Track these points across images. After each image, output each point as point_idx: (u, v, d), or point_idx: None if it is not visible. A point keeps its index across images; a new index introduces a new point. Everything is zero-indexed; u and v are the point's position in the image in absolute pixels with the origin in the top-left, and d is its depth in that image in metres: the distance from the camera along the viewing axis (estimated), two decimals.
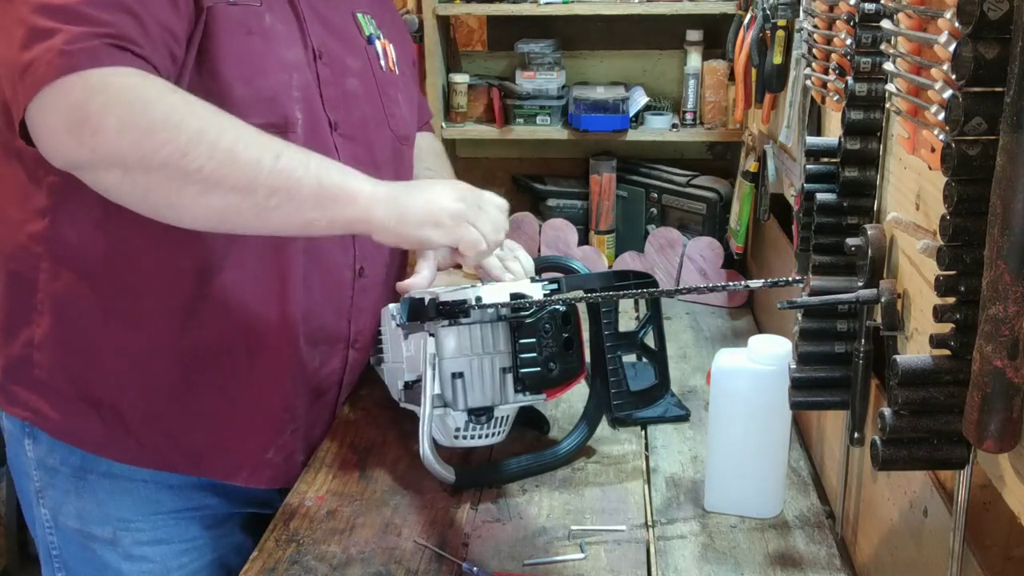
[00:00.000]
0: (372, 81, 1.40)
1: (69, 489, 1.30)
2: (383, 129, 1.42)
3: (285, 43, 1.25)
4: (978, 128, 0.64)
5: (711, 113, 2.27)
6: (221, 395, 1.28)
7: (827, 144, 1.07)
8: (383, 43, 1.45)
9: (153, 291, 1.22)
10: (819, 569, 1.12)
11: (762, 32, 1.60)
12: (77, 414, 1.25)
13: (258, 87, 1.19)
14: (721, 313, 2.01)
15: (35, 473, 1.31)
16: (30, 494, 1.33)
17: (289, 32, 1.26)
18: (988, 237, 0.62)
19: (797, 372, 1.02)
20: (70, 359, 1.23)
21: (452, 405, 1.20)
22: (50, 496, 1.31)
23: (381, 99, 1.42)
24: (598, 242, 2.34)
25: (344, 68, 1.35)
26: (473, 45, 2.62)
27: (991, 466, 0.72)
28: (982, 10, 0.60)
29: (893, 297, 0.90)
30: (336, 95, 1.32)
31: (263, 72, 1.20)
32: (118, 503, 1.30)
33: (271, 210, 1.08)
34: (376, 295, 1.44)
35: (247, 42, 1.19)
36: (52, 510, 1.32)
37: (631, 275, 1.39)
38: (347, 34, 1.39)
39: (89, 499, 1.30)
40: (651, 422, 1.47)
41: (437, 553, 1.15)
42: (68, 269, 1.20)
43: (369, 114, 1.38)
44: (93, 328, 1.22)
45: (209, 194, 1.05)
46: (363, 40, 1.42)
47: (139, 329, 1.23)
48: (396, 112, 1.45)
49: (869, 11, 0.95)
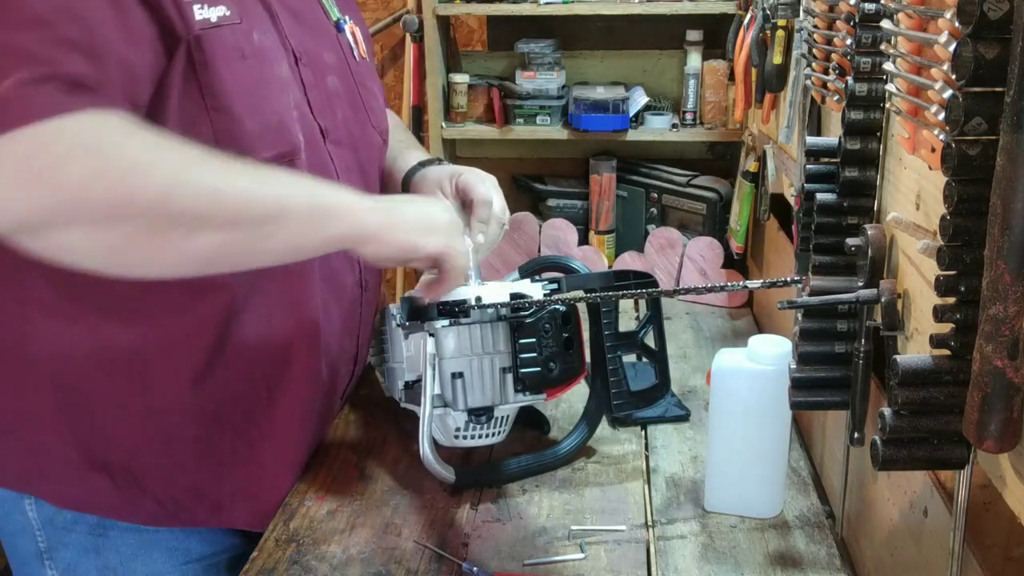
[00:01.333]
0: (349, 75, 1.32)
1: (88, 548, 1.22)
2: (365, 127, 1.35)
3: (275, 58, 1.16)
4: (978, 128, 0.64)
5: (711, 113, 2.27)
6: (242, 442, 1.22)
7: (827, 144, 1.07)
8: (351, 27, 1.36)
9: (167, 350, 1.14)
10: (819, 569, 1.12)
11: (762, 32, 1.60)
12: (86, 482, 1.18)
13: (266, 117, 1.11)
14: (721, 313, 2.01)
15: (39, 534, 1.22)
16: (30, 555, 1.24)
17: (273, 42, 1.17)
18: (988, 237, 0.62)
19: (797, 372, 1.02)
20: (75, 426, 1.16)
21: (452, 405, 1.20)
22: (62, 557, 1.23)
23: (360, 93, 1.34)
24: (598, 242, 2.34)
25: (323, 66, 1.26)
26: (473, 45, 2.62)
27: (991, 466, 0.72)
28: (982, 10, 0.60)
29: (893, 297, 0.90)
30: (321, 98, 1.24)
31: (267, 99, 1.12)
32: (145, 558, 1.23)
33: (263, 240, 1.00)
34: (374, 304, 1.41)
35: (245, 68, 1.09)
36: (65, 571, 1.23)
37: (631, 275, 1.39)
38: (318, 25, 1.30)
39: (112, 556, 1.22)
40: (651, 422, 1.47)
41: (437, 553, 1.15)
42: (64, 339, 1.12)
43: (350, 114, 1.31)
44: (98, 394, 1.15)
45: (195, 236, 0.95)
46: (333, 28, 1.33)
47: (152, 390, 1.15)
48: (375, 106, 1.38)
49: (869, 11, 0.95)
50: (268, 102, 1.12)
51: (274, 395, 1.22)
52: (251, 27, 1.12)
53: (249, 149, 1.07)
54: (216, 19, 1.06)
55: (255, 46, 1.11)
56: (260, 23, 1.15)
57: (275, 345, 1.20)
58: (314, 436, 1.34)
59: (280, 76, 1.15)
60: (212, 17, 1.05)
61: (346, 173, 1.27)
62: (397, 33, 2.72)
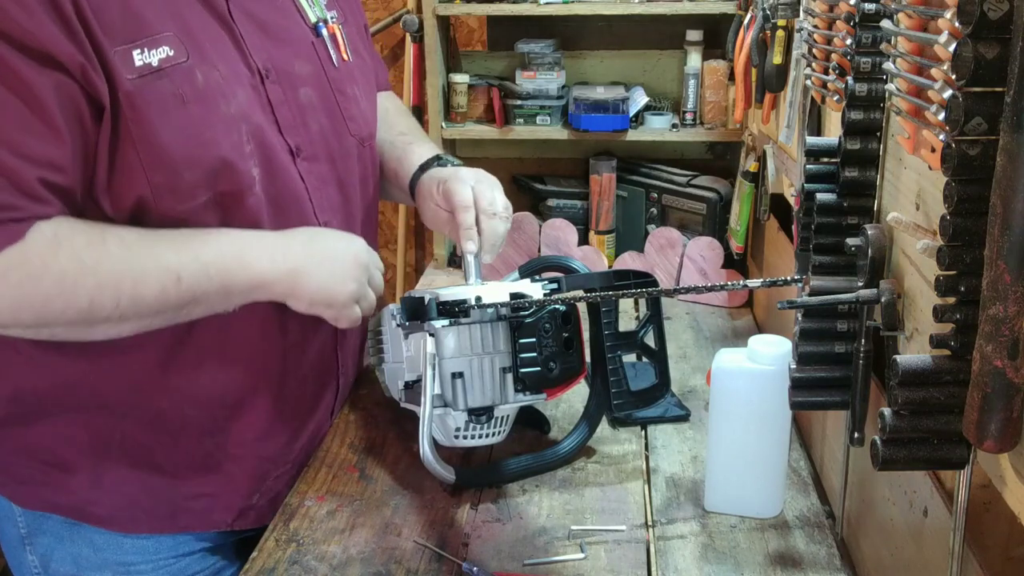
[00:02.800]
0: (326, 84, 1.30)
1: (62, 536, 1.26)
2: (344, 137, 1.32)
3: (226, 93, 1.13)
4: (978, 128, 0.64)
5: (711, 113, 2.27)
6: (200, 452, 1.25)
7: (827, 144, 1.07)
8: (332, 27, 1.33)
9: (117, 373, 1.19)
10: (819, 569, 1.12)
11: (762, 32, 1.60)
12: (47, 484, 1.23)
13: (207, 162, 1.10)
14: (721, 313, 2.01)
15: (20, 520, 1.27)
16: (14, 539, 1.29)
17: (228, 72, 1.14)
18: (988, 237, 0.62)
19: (797, 372, 1.02)
20: (29, 432, 1.21)
21: (452, 405, 1.20)
22: (40, 543, 1.27)
23: (337, 103, 1.31)
24: (598, 242, 2.34)
25: (293, 79, 1.24)
26: (473, 45, 2.62)
27: (991, 466, 0.72)
28: (982, 10, 0.60)
29: (893, 297, 0.90)
30: (291, 115, 1.23)
31: (209, 143, 1.10)
32: (117, 548, 1.26)
33: (184, 317, 1.13)
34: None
35: (184, 115, 1.08)
36: (42, 557, 1.27)
37: (631, 275, 1.39)
38: (291, 34, 1.27)
39: (84, 546, 1.26)
40: (651, 422, 1.47)
41: (437, 553, 1.15)
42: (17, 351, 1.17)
43: (327, 124, 1.29)
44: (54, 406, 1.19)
45: (120, 325, 1.10)
46: (310, 34, 1.30)
47: (107, 396, 1.20)
48: (355, 113, 1.35)
49: (869, 11, 0.95)
50: (211, 147, 1.10)
51: (231, 417, 1.25)
52: (197, 64, 1.10)
53: (189, 197, 1.10)
54: (158, 63, 1.06)
55: (198, 88, 1.09)
56: (212, 53, 1.13)
57: (228, 360, 1.23)
58: (292, 453, 1.34)
59: (227, 114, 1.13)
60: (154, 61, 1.06)
61: (321, 188, 1.28)
62: (397, 33, 2.72)
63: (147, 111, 1.05)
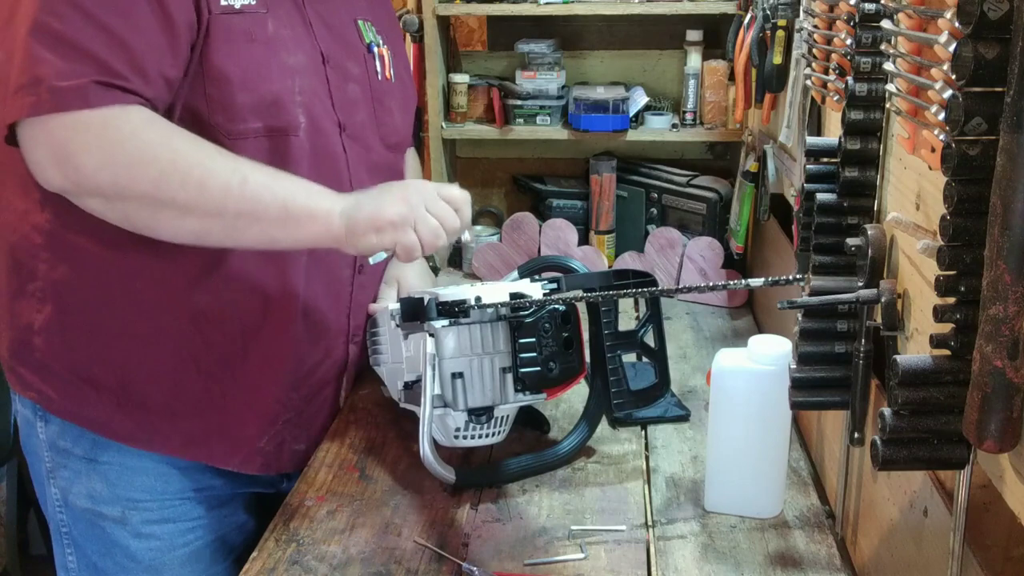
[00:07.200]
0: (368, 89, 1.45)
1: (80, 471, 1.35)
2: (376, 137, 1.46)
3: (289, 48, 1.29)
4: (978, 128, 0.64)
5: (711, 113, 2.27)
6: (216, 383, 1.33)
7: (827, 144, 1.07)
8: (381, 50, 1.50)
9: (153, 282, 1.27)
10: (819, 569, 1.12)
11: (762, 32, 1.60)
12: (77, 396, 1.31)
13: (260, 93, 1.25)
14: (721, 313, 2.01)
15: (46, 454, 1.36)
16: (42, 474, 1.38)
17: (295, 37, 1.31)
18: (988, 237, 0.62)
19: (797, 372, 1.02)
20: (70, 344, 1.29)
21: (452, 405, 1.20)
22: (61, 476, 1.36)
23: (375, 107, 1.46)
24: (598, 242, 2.34)
25: (346, 74, 1.40)
26: (473, 45, 2.62)
27: (991, 466, 0.72)
28: (982, 10, 0.60)
29: (893, 297, 0.90)
30: (342, 98, 1.38)
31: (265, 78, 1.26)
32: (128, 485, 1.35)
33: (240, 231, 1.18)
34: (374, 290, 1.50)
35: (249, 49, 1.24)
36: (63, 490, 1.37)
37: (631, 275, 1.39)
38: (349, 40, 1.44)
39: (99, 481, 1.34)
40: (651, 422, 1.47)
41: (437, 553, 1.15)
42: (66, 260, 1.25)
43: (366, 120, 1.44)
44: (92, 316, 1.27)
45: (184, 219, 1.16)
46: (363, 47, 1.47)
47: (139, 316, 1.28)
48: (388, 121, 1.49)
49: (869, 11, 0.95)
50: (266, 82, 1.26)
51: (249, 348, 1.32)
52: (270, 17, 1.27)
53: (240, 119, 1.23)
54: (240, 6, 1.24)
55: (267, 34, 1.27)
56: (285, 18, 1.30)
57: (251, 296, 1.31)
58: (296, 401, 1.39)
59: (287, 63, 1.28)
60: (236, 4, 1.24)
61: (358, 164, 1.39)
62: None
63: (218, 38, 1.21)
